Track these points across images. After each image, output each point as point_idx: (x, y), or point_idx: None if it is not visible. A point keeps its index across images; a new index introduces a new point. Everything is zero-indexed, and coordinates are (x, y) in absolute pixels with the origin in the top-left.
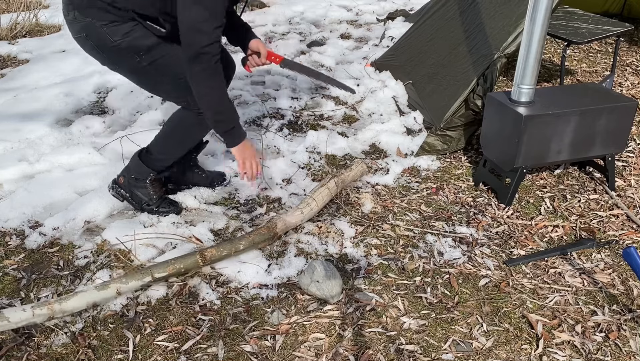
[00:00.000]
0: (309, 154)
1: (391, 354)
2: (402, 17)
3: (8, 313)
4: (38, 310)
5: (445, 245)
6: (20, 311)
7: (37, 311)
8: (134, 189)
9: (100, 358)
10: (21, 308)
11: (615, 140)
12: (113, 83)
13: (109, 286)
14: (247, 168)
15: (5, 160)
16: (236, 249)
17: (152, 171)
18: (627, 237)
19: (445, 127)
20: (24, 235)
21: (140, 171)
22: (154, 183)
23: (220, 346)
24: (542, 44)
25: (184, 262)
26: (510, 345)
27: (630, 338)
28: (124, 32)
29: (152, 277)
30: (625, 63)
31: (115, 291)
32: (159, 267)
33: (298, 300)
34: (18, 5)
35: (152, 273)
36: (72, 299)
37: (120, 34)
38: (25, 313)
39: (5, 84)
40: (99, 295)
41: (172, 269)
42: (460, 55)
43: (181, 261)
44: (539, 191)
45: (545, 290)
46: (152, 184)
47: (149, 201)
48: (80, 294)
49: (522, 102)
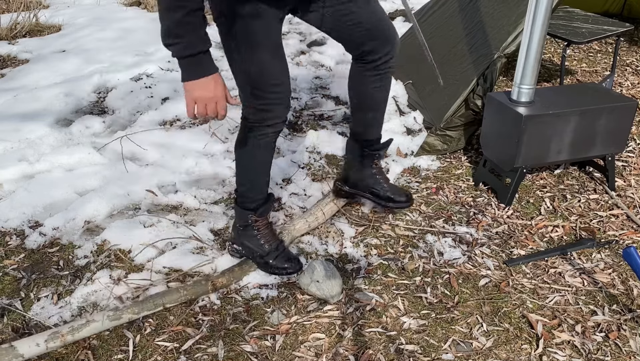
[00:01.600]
0: (309, 154)
1: (391, 354)
2: (402, 17)
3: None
4: (52, 343)
5: (445, 245)
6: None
7: (50, 345)
8: (244, 240)
9: (100, 358)
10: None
11: (615, 140)
12: (113, 83)
13: (121, 316)
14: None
15: (5, 160)
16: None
17: (250, 212)
18: (627, 237)
19: (445, 127)
20: (24, 235)
21: (241, 216)
22: (262, 230)
23: (220, 346)
24: (542, 44)
25: (194, 291)
26: (510, 345)
27: (630, 338)
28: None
29: (164, 307)
30: (625, 63)
31: (127, 320)
32: (169, 296)
33: (298, 300)
34: (18, 5)
35: (164, 303)
36: (84, 329)
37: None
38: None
39: (5, 84)
40: (110, 324)
41: (183, 299)
42: (460, 55)
43: (192, 291)
44: (539, 191)
45: (545, 290)
46: (259, 231)
47: (261, 253)
48: (92, 325)
49: (522, 102)
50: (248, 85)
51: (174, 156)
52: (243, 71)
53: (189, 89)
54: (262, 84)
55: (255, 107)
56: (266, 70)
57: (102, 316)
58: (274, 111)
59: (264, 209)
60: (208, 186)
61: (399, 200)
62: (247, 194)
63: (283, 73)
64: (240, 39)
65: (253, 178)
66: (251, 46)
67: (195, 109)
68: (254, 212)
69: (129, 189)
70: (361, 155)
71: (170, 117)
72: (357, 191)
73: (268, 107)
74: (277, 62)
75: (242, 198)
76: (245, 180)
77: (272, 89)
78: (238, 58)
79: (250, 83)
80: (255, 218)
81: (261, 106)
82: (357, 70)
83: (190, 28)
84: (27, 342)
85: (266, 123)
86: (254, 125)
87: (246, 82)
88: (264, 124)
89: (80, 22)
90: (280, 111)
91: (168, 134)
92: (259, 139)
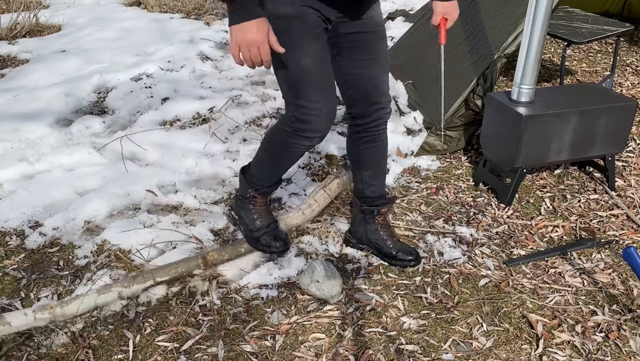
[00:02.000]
0: (309, 154)
1: (391, 354)
2: (402, 17)
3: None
4: (40, 313)
5: (445, 245)
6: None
7: (38, 315)
8: (240, 211)
9: (100, 358)
10: (23, 312)
11: (615, 140)
12: (113, 83)
13: (111, 289)
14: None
15: (5, 160)
16: (237, 253)
17: (251, 189)
18: (627, 237)
19: (445, 127)
20: (24, 235)
21: (242, 187)
22: (258, 206)
23: (220, 346)
24: (542, 44)
25: (186, 265)
26: (510, 345)
27: (630, 338)
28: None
29: (154, 281)
30: (625, 63)
31: (117, 294)
32: (161, 271)
33: (298, 300)
34: (18, 5)
35: (154, 277)
36: (73, 303)
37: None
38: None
39: (5, 84)
40: (100, 299)
41: (174, 273)
42: (460, 55)
43: (183, 265)
44: (539, 191)
45: (545, 290)
46: (255, 207)
47: (252, 227)
48: (81, 298)
49: (522, 102)
50: (290, 90)
51: (174, 156)
52: (284, 75)
53: (233, 32)
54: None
55: (295, 116)
56: (306, 77)
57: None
58: (313, 123)
59: (265, 192)
60: (208, 186)
61: (403, 258)
62: (257, 175)
63: (326, 84)
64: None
65: (267, 170)
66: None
67: (241, 55)
68: (255, 190)
69: (129, 189)
70: (361, 211)
71: (170, 117)
72: (363, 245)
73: (307, 118)
74: (319, 71)
75: (250, 175)
76: (260, 167)
77: (313, 98)
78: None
79: (291, 88)
80: (254, 194)
81: (301, 115)
82: (351, 132)
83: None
84: (16, 313)
85: (303, 135)
86: (291, 133)
87: (288, 86)
88: (300, 135)
89: (80, 22)
90: (319, 124)
91: (168, 134)
92: (293, 147)
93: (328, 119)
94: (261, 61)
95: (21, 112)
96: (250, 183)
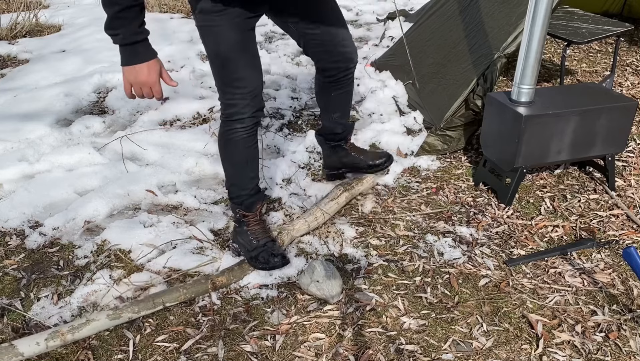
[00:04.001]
0: (309, 154)
1: (391, 354)
2: (402, 17)
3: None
4: (52, 342)
5: (445, 245)
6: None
7: (50, 343)
8: (238, 237)
9: (100, 358)
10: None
11: (615, 140)
12: (113, 83)
13: (121, 315)
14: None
15: (5, 160)
16: (245, 275)
17: (237, 206)
18: (627, 237)
19: (445, 127)
20: (24, 235)
21: (233, 211)
22: (252, 225)
23: (220, 346)
24: (542, 44)
25: (195, 289)
26: (510, 345)
27: (630, 338)
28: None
29: (164, 306)
30: (625, 63)
31: (127, 319)
32: (170, 295)
33: (298, 300)
34: (18, 5)
35: (164, 302)
36: (84, 328)
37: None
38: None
39: (5, 84)
40: (110, 324)
41: (183, 298)
42: (460, 55)
43: (192, 289)
44: (539, 191)
45: (545, 290)
46: (249, 227)
47: (249, 248)
48: (92, 324)
49: (522, 102)
50: (217, 79)
51: (174, 156)
52: (213, 65)
53: (125, 73)
54: (226, 78)
55: (223, 102)
56: (229, 64)
57: (102, 315)
58: (238, 105)
59: (249, 204)
60: (208, 186)
61: (378, 163)
62: (232, 189)
63: (248, 68)
64: (207, 34)
65: (233, 174)
66: (216, 41)
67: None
68: (240, 206)
69: (129, 189)
70: (332, 146)
71: (170, 117)
72: (340, 169)
73: (232, 102)
74: (242, 57)
75: (229, 192)
76: (227, 175)
77: (235, 84)
78: (208, 52)
79: (217, 77)
80: (244, 212)
81: (227, 100)
82: (320, 81)
83: (125, 22)
84: (27, 341)
85: (233, 118)
86: (226, 120)
87: (215, 76)
88: (231, 119)
89: (80, 22)
90: (244, 106)
91: (168, 134)
92: (230, 135)
93: (253, 100)
94: (153, 96)
95: (21, 112)
96: (233, 200)
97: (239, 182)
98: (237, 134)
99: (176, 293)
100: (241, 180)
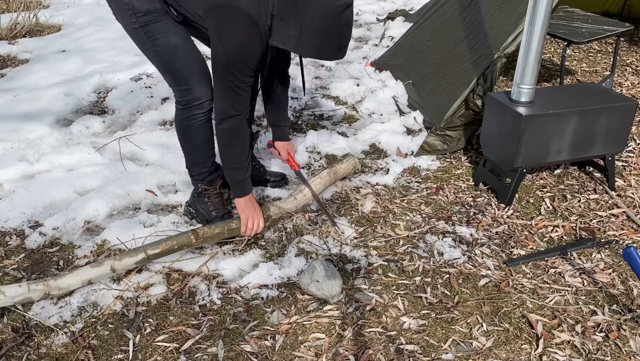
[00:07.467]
0: (309, 154)
1: (391, 354)
2: (402, 17)
3: (4, 287)
4: (34, 285)
5: (445, 245)
6: (16, 286)
7: (32, 287)
8: (197, 205)
9: (100, 358)
10: (17, 284)
11: (615, 140)
12: (113, 83)
13: (103, 263)
14: (249, 226)
15: (5, 160)
16: (229, 227)
17: (199, 182)
18: (627, 237)
19: (445, 127)
20: (24, 235)
21: (193, 184)
22: (212, 198)
23: (220, 346)
24: (542, 44)
25: (177, 239)
26: (510, 345)
27: (630, 338)
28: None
29: (146, 254)
30: (625, 63)
31: (110, 267)
32: (152, 245)
33: (298, 300)
34: (18, 5)
35: (145, 250)
36: (67, 276)
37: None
38: (21, 288)
39: (5, 84)
40: (93, 272)
41: (165, 246)
42: (460, 55)
43: (174, 239)
44: (539, 191)
45: (545, 290)
46: (210, 199)
47: (207, 218)
48: (75, 272)
49: (522, 102)
50: (168, 70)
51: (174, 156)
52: (160, 59)
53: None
54: (178, 66)
55: (179, 90)
56: (179, 53)
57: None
58: (194, 92)
59: (211, 179)
60: None
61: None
62: (193, 168)
63: (195, 56)
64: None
65: (194, 155)
66: (163, 36)
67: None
68: (202, 182)
69: (129, 189)
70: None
71: (170, 117)
72: None
73: (187, 90)
74: (188, 47)
75: (189, 170)
76: (188, 157)
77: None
78: (153, 49)
79: (168, 68)
80: (205, 186)
81: (183, 87)
82: None
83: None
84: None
85: (192, 104)
86: (185, 107)
87: (165, 69)
88: (190, 105)
89: (80, 22)
90: (199, 92)
91: (168, 134)
92: (190, 120)
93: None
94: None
95: (21, 112)
96: (194, 178)
97: (201, 161)
98: (197, 119)
99: (158, 243)
100: (203, 159)
